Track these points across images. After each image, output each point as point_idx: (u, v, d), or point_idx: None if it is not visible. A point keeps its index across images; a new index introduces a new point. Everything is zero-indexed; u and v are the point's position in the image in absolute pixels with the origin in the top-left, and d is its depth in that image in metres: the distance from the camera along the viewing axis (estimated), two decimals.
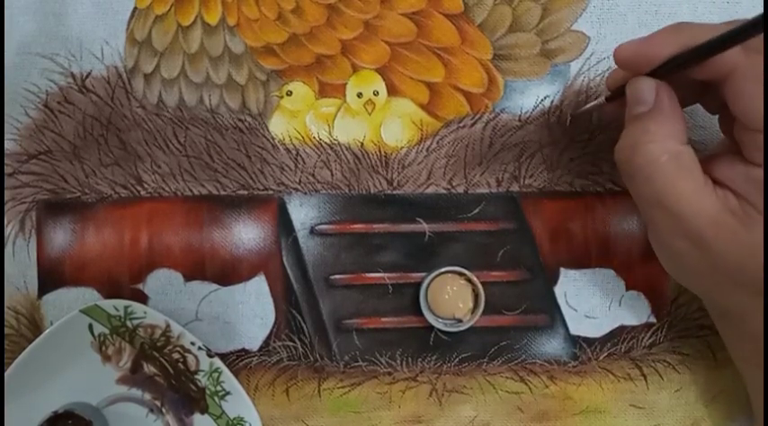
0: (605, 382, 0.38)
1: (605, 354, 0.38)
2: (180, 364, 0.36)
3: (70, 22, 0.38)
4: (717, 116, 0.34)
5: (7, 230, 0.38)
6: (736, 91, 0.28)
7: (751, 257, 0.28)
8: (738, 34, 0.26)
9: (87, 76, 0.38)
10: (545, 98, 0.39)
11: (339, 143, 0.38)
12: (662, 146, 0.29)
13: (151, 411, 0.36)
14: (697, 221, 0.29)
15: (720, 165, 0.30)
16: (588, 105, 0.36)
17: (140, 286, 0.37)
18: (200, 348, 0.35)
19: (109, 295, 0.37)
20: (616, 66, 0.32)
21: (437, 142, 0.38)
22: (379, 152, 0.38)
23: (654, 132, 0.29)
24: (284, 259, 0.38)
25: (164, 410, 0.36)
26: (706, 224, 0.28)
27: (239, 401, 0.35)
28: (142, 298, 0.37)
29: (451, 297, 0.37)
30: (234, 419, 0.36)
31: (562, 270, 0.38)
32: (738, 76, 0.28)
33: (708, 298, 0.33)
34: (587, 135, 0.39)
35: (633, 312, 0.38)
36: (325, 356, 0.38)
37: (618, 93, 0.33)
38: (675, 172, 0.29)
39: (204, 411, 0.36)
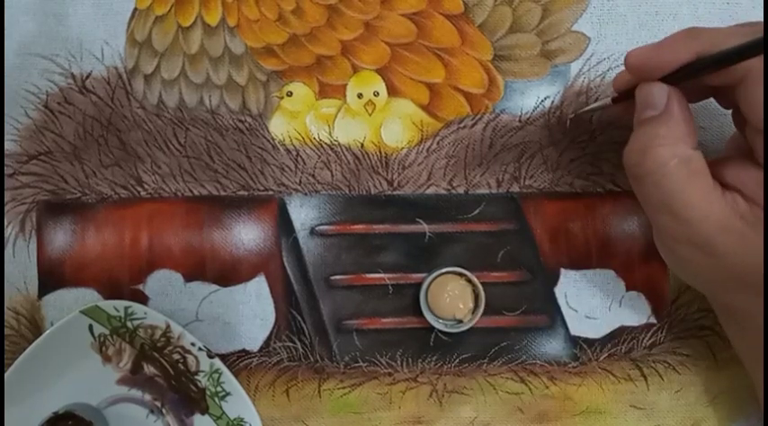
0: (605, 383, 0.38)
1: (605, 355, 0.38)
2: (180, 365, 0.36)
3: (70, 23, 0.38)
4: (720, 115, 0.34)
5: (7, 231, 0.38)
6: (749, 95, 0.28)
7: (760, 259, 0.28)
8: (759, 45, 0.26)
9: (87, 77, 0.38)
10: (545, 99, 0.39)
11: (339, 144, 0.38)
12: (672, 150, 0.29)
13: (151, 411, 0.36)
14: (704, 226, 0.29)
15: (731, 169, 0.30)
16: (593, 105, 0.36)
17: (140, 286, 0.37)
18: (200, 348, 0.35)
19: (109, 295, 0.37)
20: (623, 68, 0.32)
21: (437, 143, 0.38)
22: (380, 153, 0.38)
23: (664, 136, 0.29)
24: (284, 259, 0.38)
25: (164, 410, 0.36)
26: (714, 229, 0.28)
27: (239, 402, 0.35)
28: (142, 299, 0.37)
29: (452, 298, 0.37)
30: (234, 419, 0.36)
31: (562, 270, 0.38)
32: (751, 81, 0.28)
33: (714, 299, 0.33)
34: (587, 136, 0.39)
35: (633, 312, 0.38)
36: (326, 357, 0.38)
37: (625, 96, 0.32)
38: (684, 176, 0.29)
39: (204, 411, 0.36)
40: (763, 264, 0.28)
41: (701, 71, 0.29)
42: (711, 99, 0.33)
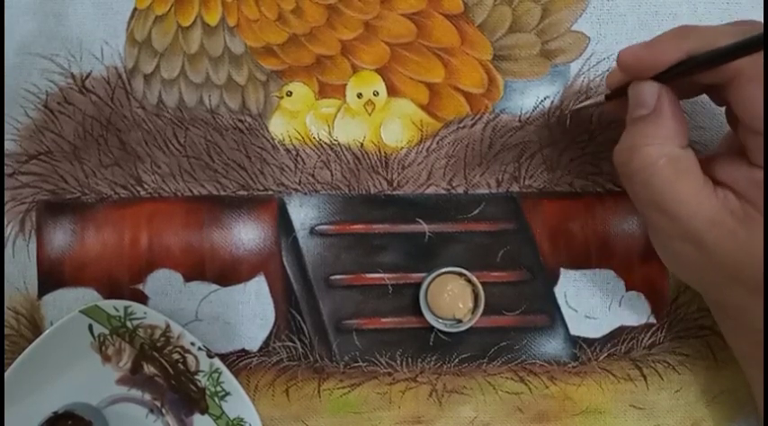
0: (605, 382, 0.38)
1: (605, 355, 0.38)
2: (180, 364, 0.36)
3: (70, 23, 0.38)
4: (720, 115, 0.34)
5: (7, 230, 0.38)
6: (740, 94, 0.28)
7: (749, 256, 0.28)
8: (750, 44, 0.26)
9: (87, 77, 0.38)
10: (545, 98, 0.39)
11: (339, 143, 0.38)
12: (660, 149, 0.29)
13: (151, 411, 0.36)
14: (695, 223, 0.29)
15: (723, 166, 0.30)
16: (587, 102, 0.36)
17: (140, 286, 0.37)
18: (200, 348, 0.35)
19: (109, 295, 0.37)
20: (616, 66, 0.32)
21: (437, 142, 0.38)
22: (379, 152, 0.38)
23: (653, 135, 0.30)
24: (284, 259, 0.38)
25: (164, 410, 0.36)
26: (704, 225, 0.29)
27: (239, 401, 0.35)
28: (142, 299, 0.37)
29: (451, 298, 0.37)
30: (234, 419, 0.36)
31: (562, 270, 0.38)
32: (743, 80, 0.28)
33: (707, 295, 0.33)
34: (587, 135, 0.39)
35: (633, 312, 0.38)
36: (325, 356, 0.38)
37: (618, 93, 0.33)
38: (673, 175, 0.29)
39: (204, 411, 0.36)
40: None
41: (691, 70, 0.29)
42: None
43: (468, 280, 0.37)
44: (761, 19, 0.39)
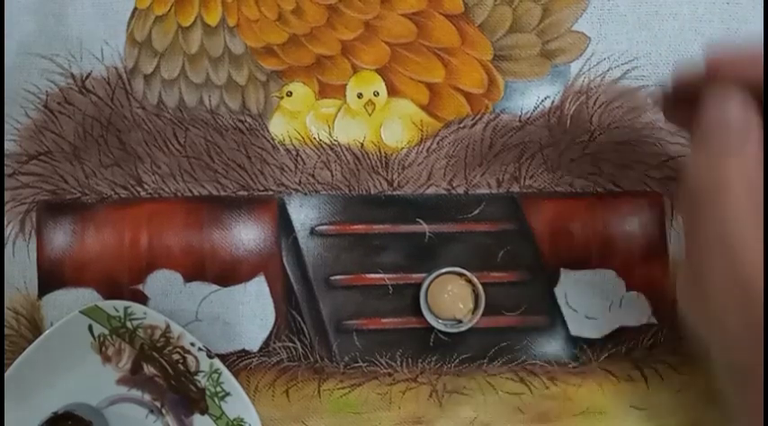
0: (606, 383, 0.38)
1: (606, 355, 0.38)
2: (180, 365, 0.36)
3: (70, 23, 0.38)
4: None
5: (7, 231, 0.38)
6: None
7: None
8: None
9: (87, 77, 0.38)
10: (545, 98, 0.39)
11: (339, 144, 0.38)
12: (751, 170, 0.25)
13: (151, 411, 0.36)
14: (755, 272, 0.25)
15: None
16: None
17: (140, 286, 0.37)
18: (200, 349, 0.35)
19: (109, 295, 0.37)
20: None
21: (437, 143, 0.38)
22: (380, 152, 0.38)
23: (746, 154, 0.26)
24: (284, 259, 0.38)
25: (164, 411, 0.36)
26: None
27: (239, 402, 0.35)
28: (142, 299, 0.37)
29: (452, 298, 0.37)
30: (234, 420, 0.36)
31: (562, 270, 0.38)
32: None
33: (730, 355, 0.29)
34: (587, 135, 0.39)
35: (634, 313, 0.38)
36: (326, 357, 0.38)
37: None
38: (755, 208, 0.25)
39: (204, 411, 0.36)
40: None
41: None
42: None
43: (469, 281, 0.37)
44: (761, 19, 0.39)
